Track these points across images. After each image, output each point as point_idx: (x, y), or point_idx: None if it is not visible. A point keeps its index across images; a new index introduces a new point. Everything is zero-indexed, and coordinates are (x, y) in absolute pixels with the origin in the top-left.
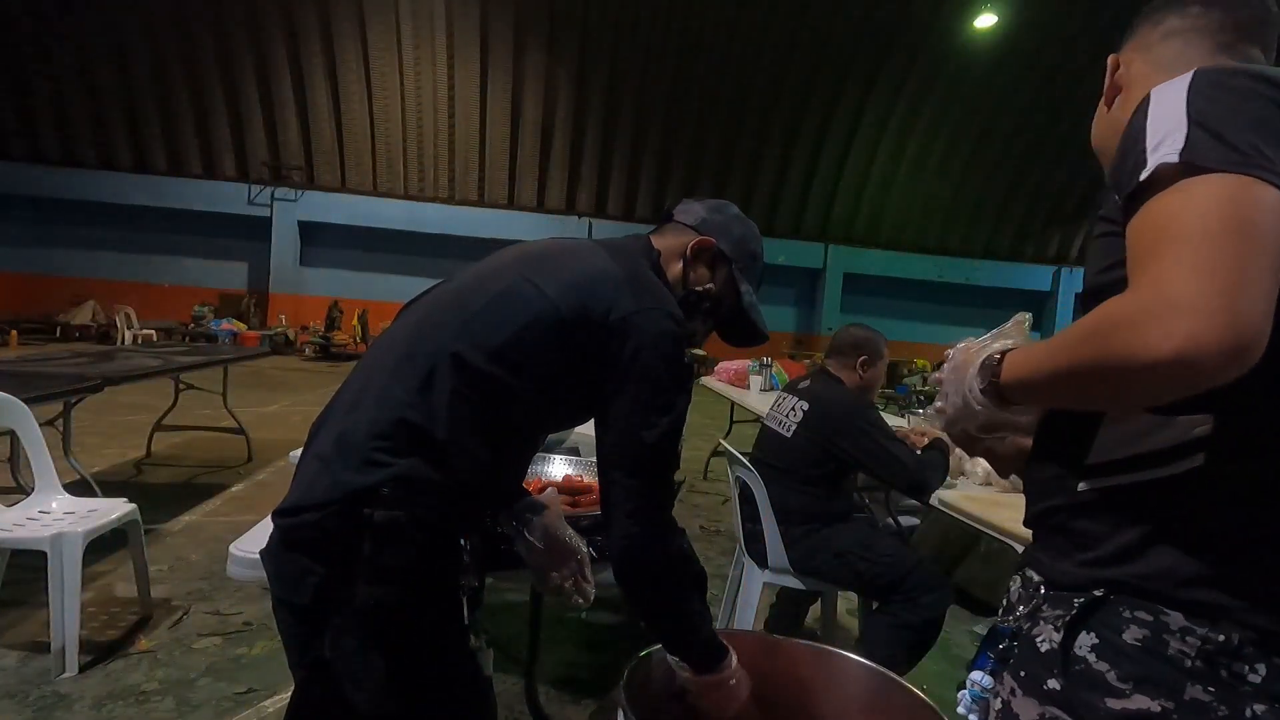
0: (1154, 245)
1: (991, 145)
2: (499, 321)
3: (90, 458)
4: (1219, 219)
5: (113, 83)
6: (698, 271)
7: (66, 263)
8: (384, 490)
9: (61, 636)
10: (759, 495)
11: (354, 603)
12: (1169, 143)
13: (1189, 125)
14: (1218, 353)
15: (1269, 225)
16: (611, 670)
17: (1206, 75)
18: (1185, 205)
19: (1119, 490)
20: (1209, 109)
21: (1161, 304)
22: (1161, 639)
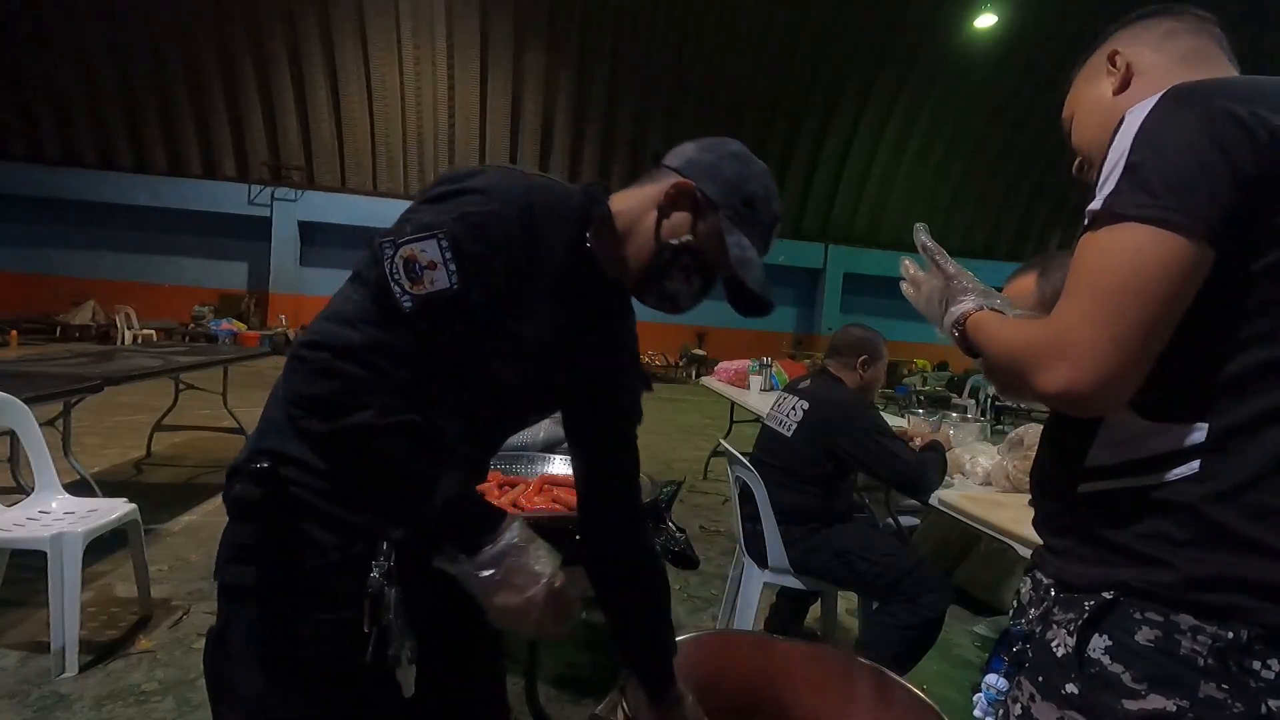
0: (1072, 285)
1: (991, 145)
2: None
3: (90, 458)
4: (1118, 274)
5: (113, 83)
6: (673, 220)
7: (66, 263)
8: (254, 465)
9: (61, 636)
10: (759, 495)
11: (229, 581)
12: (1109, 183)
13: (1124, 167)
14: (1090, 395)
15: (1163, 279)
16: (611, 670)
17: (1167, 100)
18: (1097, 254)
19: (1120, 494)
20: (1145, 147)
21: (1055, 349)
22: (1173, 639)
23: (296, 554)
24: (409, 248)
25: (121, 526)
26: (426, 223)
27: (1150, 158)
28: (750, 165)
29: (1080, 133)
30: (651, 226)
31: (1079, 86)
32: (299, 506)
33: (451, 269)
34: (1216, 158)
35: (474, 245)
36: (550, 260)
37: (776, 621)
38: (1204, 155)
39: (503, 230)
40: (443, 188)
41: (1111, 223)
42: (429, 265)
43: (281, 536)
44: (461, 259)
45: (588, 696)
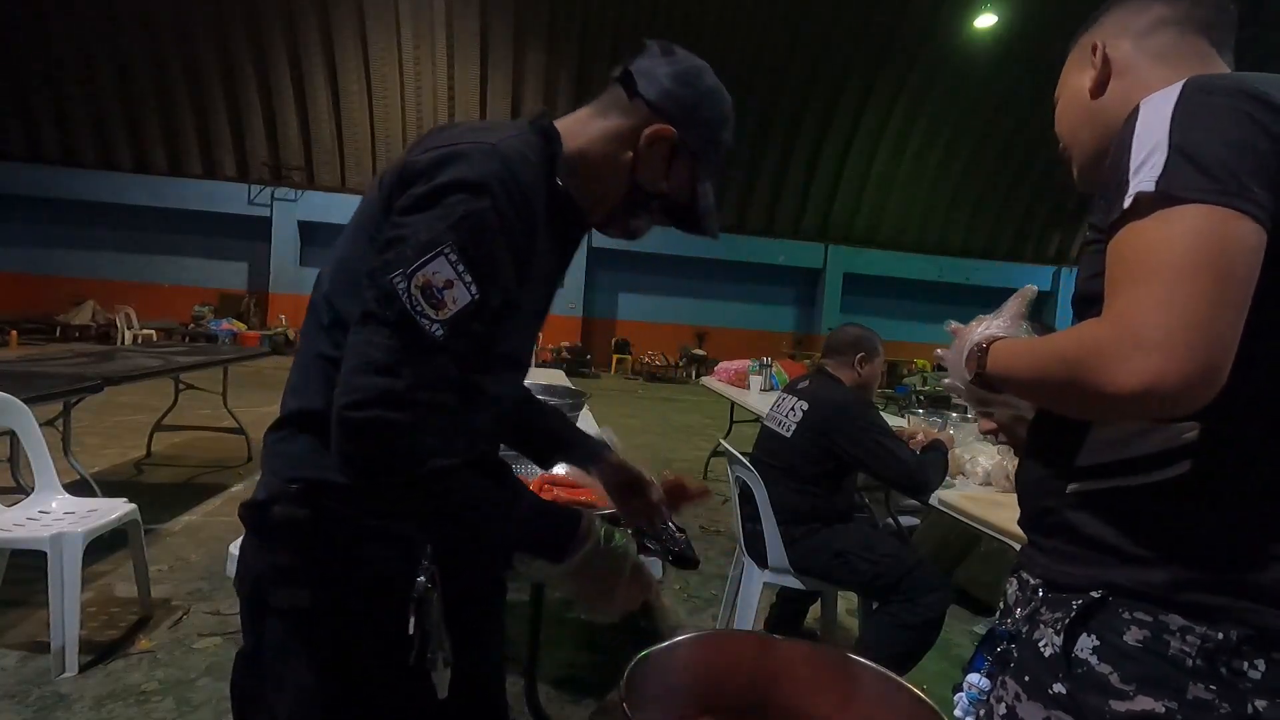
0: (1128, 274)
1: (991, 145)
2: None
3: (90, 458)
4: (1189, 254)
5: (113, 83)
6: (651, 168)
7: (66, 263)
8: (291, 485)
9: (61, 636)
10: (759, 495)
11: (273, 604)
12: (1149, 167)
13: (1169, 149)
14: (1182, 389)
15: (1237, 259)
16: (611, 670)
17: (1195, 89)
18: (1158, 237)
19: (1109, 493)
20: (1190, 130)
21: (1130, 340)
22: (1162, 639)
23: (346, 571)
24: (421, 274)
25: (121, 526)
26: (426, 241)
27: (1201, 140)
28: (721, 101)
29: (1061, 120)
30: (627, 168)
31: (1067, 68)
32: (344, 524)
33: (468, 280)
34: (1266, 144)
35: (481, 249)
36: (539, 219)
37: (776, 621)
38: (1254, 139)
39: (500, 219)
40: (419, 188)
41: (1166, 205)
42: (446, 285)
43: (330, 555)
44: (474, 267)
45: (588, 696)
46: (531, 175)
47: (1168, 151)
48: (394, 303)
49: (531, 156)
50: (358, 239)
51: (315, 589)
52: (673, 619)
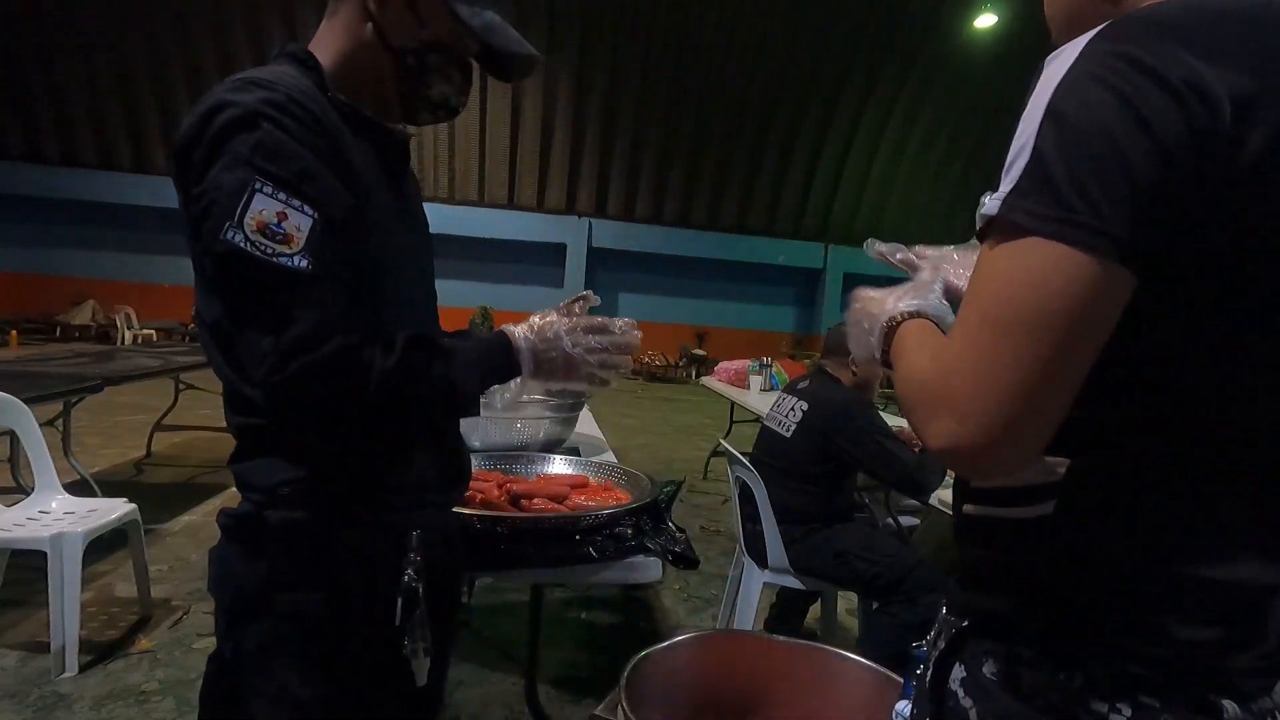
0: (963, 310)
1: (992, 145)
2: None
3: (90, 458)
4: (1015, 305)
5: (113, 83)
6: (393, 22)
7: (66, 263)
8: (282, 490)
9: (61, 636)
10: (759, 495)
11: (268, 608)
12: (1010, 174)
13: (1031, 152)
14: (975, 454)
15: (1074, 309)
16: (611, 670)
17: (1089, 55)
18: (992, 274)
19: (984, 521)
20: (1058, 127)
21: (940, 395)
22: (1015, 673)
23: (347, 568)
24: (250, 218)
25: (121, 526)
26: (232, 188)
27: (1057, 143)
28: None
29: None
30: (373, 40)
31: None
32: (340, 521)
33: (296, 203)
34: (1138, 144)
35: (289, 168)
36: (332, 126)
37: (776, 621)
38: (1128, 143)
39: (290, 135)
40: (199, 153)
41: (1006, 234)
42: (280, 217)
43: (332, 555)
44: (294, 187)
45: (588, 696)
46: (300, 90)
47: (1029, 155)
48: (242, 260)
49: (292, 79)
50: (191, 246)
51: (324, 590)
52: (673, 619)
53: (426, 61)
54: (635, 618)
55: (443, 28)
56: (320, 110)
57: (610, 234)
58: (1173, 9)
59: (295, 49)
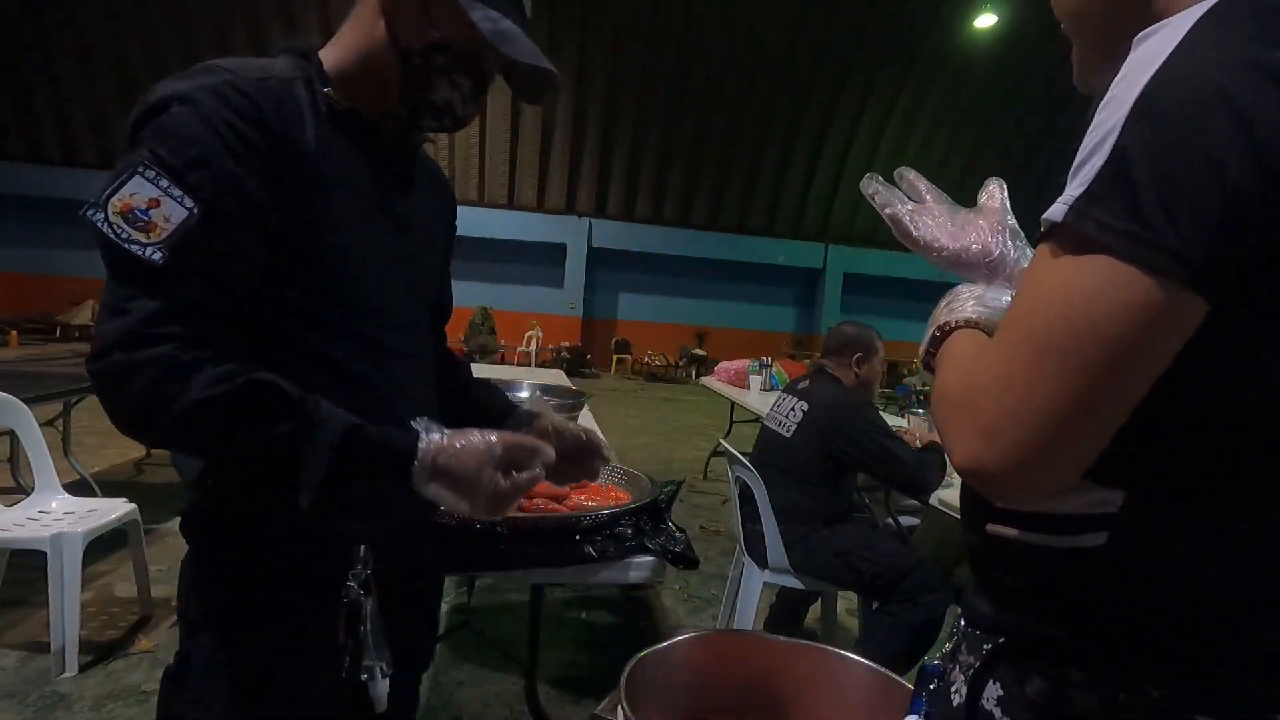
0: (1008, 320)
1: (991, 145)
2: None
3: (90, 458)
4: (1067, 325)
5: (113, 83)
6: (404, 22)
7: (66, 263)
8: (206, 483)
9: (61, 636)
10: (759, 495)
11: (189, 614)
12: (1083, 173)
13: (1110, 150)
14: (997, 478)
15: (1130, 336)
16: (611, 670)
17: (1196, 49)
18: (1046, 287)
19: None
20: (1146, 124)
21: (968, 411)
22: (1065, 694)
23: (271, 571)
24: (117, 199)
25: (121, 526)
26: (120, 167)
27: (1147, 143)
28: None
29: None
30: (384, 39)
31: None
32: (264, 519)
33: (177, 193)
34: (1237, 158)
35: (186, 155)
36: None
37: (776, 621)
38: (1222, 150)
39: (208, 122)
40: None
41: (1070, 242)
42: (151, 204)
43: (251, 555)
44: (182, 176)
45: (588, 696)
46: (255, 79)
47: (1108, 156)
48: (98, 239)
49: (263, 69)
50: None
51: (232, 592)
52: (673, 619)
53: (432, 62)
54: (635, 618)
55: (454, 30)
56: (272, 101)
57: (610, 234)
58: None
59: (299, 44)
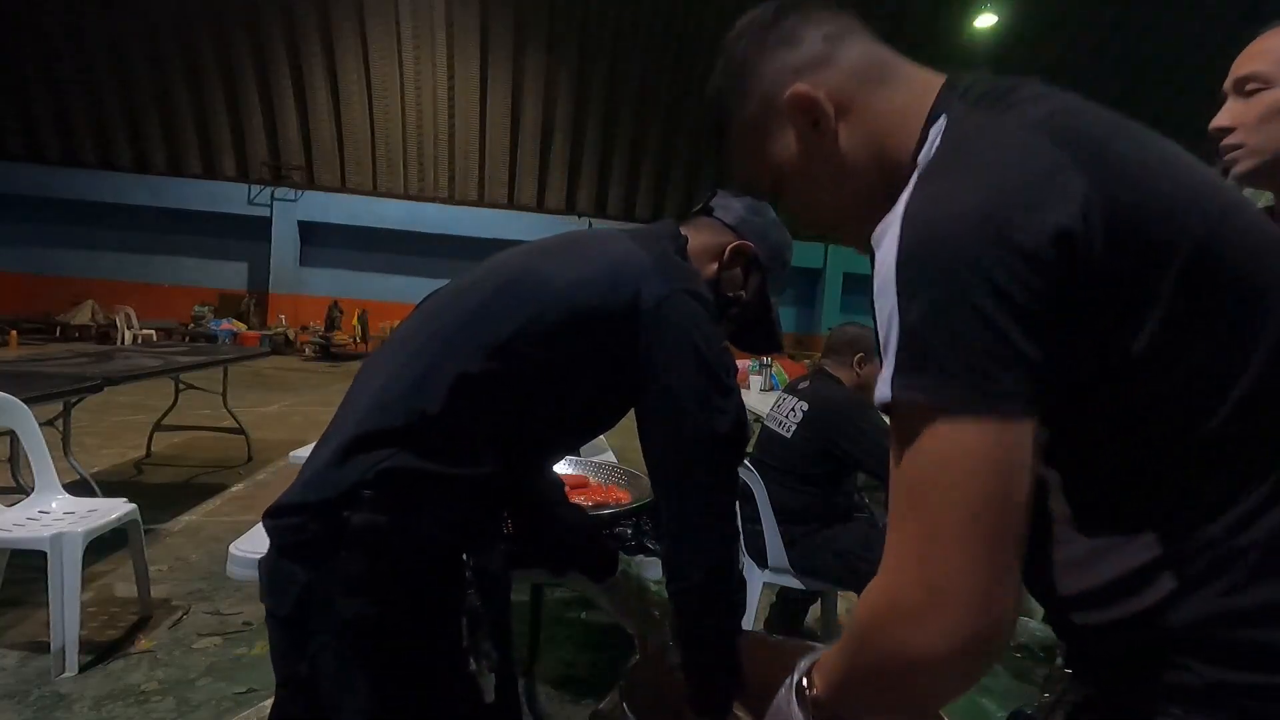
0: (911, 507)
1: None
2: (501, 314)
3: (90, 458)
4: (969, 492)
5: (113, 83)
6: (732, 276)
7: (66, 263)
8: (365, 492)
9: (61, 636)
10: (759, 495)
11: (333, 616)
12: (887, 361)
13: (899, 331)
14: (990, 649)
15: (1014, 481)
16: (611, 670)
17: (914, 241)
18: (927, 461)
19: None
20: (917, 297)
21: (935, 596)
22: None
23: (409, 581)
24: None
25: (121, 526)
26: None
27: (922, 313)
28: (785, 233)
29: (810, 210)
30: (712, 276)
31: (752, 145)
32: (413, 533)
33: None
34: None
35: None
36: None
37: (776, 621)
38: (977, 294)
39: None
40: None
41: (931, 417)
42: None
43: (399, 565)
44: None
45: (588, 696)
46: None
47: (899, 334)
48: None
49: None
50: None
51: (384, 599)
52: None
53: (727, 310)
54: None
55: (751, 298)
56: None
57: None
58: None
59: (681, 244)
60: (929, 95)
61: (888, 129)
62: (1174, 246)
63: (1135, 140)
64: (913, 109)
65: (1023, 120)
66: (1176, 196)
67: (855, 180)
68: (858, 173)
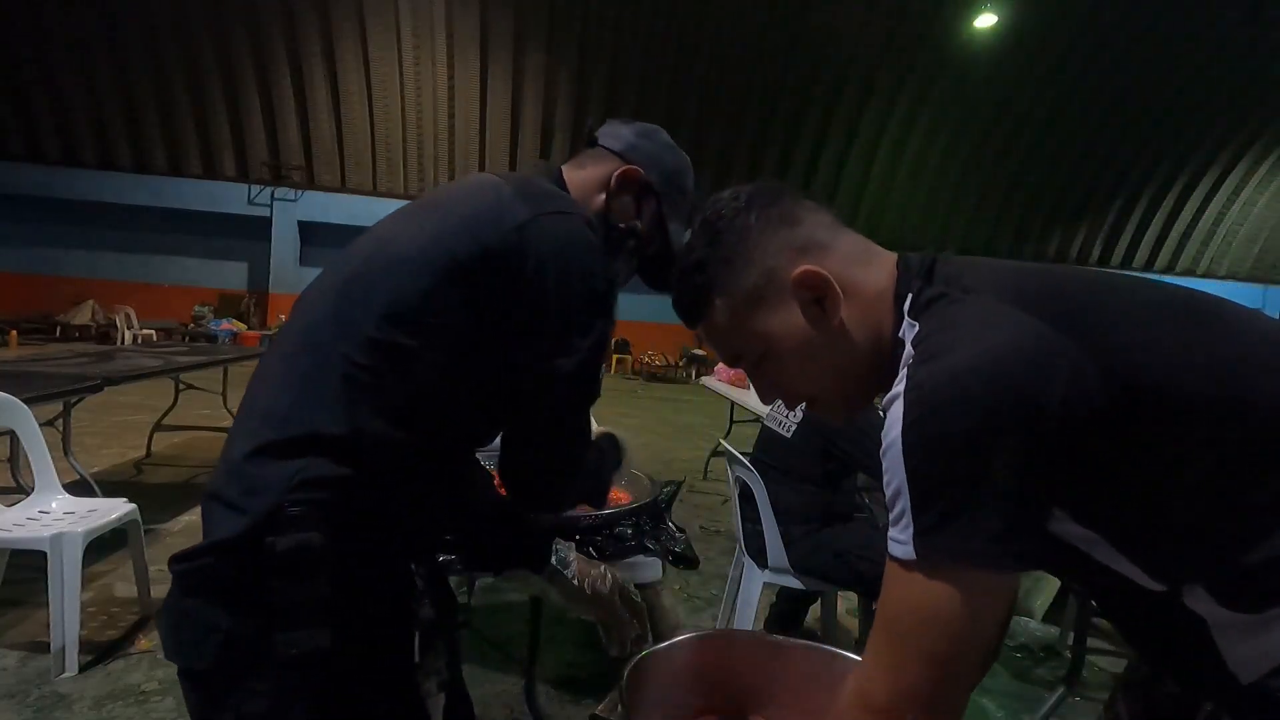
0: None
1: (991, 145)
2: (382, 278)
3: (90, 458)
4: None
5: (113, 83)
6: (621, 204)
7: (66, 263)
8: (289, 509)
9: (61, 636)
10: (759, 495)
11: (270, 658)
12: (900, 517)
13: (912, 490)
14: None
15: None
16: (611, 670)
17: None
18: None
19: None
20: (928, 459)
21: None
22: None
23: (355, 601)
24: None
25: (121, 526)
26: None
27: (930, 478)
28: (681, 157)
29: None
30: (600, 208)
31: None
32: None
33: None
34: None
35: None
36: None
37: (776, 621)
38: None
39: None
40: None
41: (928, 569)
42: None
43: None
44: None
45: (588, 696)
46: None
47: (909, 493)
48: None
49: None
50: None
51: (332, 625)
52: (672, 619)
53: (623, 242)
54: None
55: (649, 227)
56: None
57: None
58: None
59: (555, 175)
60: (892, 273)
61: (878, 309)
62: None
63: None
64: (887, 288)
65: (1000, 297)
66: (1157, 340)
67: (851, 356)
68: (855, 349)
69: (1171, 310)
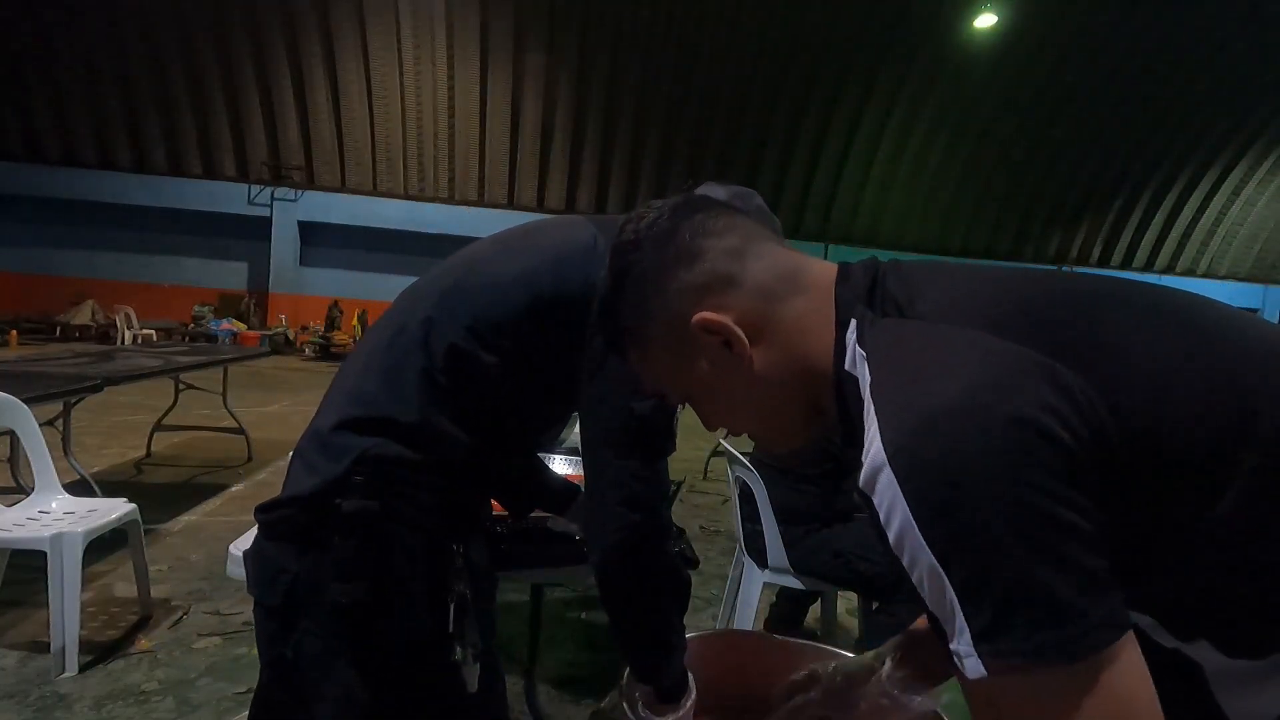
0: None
1: (991, 145)
2: (473, 296)
3: (90, 458)
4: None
5: (113, 83)
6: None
7: (66, 263)
8: (355, 478)
9: (61, 636)
10: (759, 495)
11: (324, 603)
12: (955, 626)
13: (958, 591)
14: None
15: (1139, 699)
16: (611, 670)
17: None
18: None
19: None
20: (963, 550)
21: None
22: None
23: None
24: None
25: (121, 526)
26: None
27: (980, 562)
28: (773, 221)
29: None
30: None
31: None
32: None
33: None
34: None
35: None
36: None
37: (776, 621)
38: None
39: None
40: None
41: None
42: None
43: (389, 550)
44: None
45: (588, 696)
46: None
47: (958, 598)
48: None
49: None
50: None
51: (373, 582)
52: None
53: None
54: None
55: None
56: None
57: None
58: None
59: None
60: (829, 297)
61: (803, 341)
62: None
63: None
64: (822, 314)
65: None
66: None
67: (775, 395)
68: (777, 388)
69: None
